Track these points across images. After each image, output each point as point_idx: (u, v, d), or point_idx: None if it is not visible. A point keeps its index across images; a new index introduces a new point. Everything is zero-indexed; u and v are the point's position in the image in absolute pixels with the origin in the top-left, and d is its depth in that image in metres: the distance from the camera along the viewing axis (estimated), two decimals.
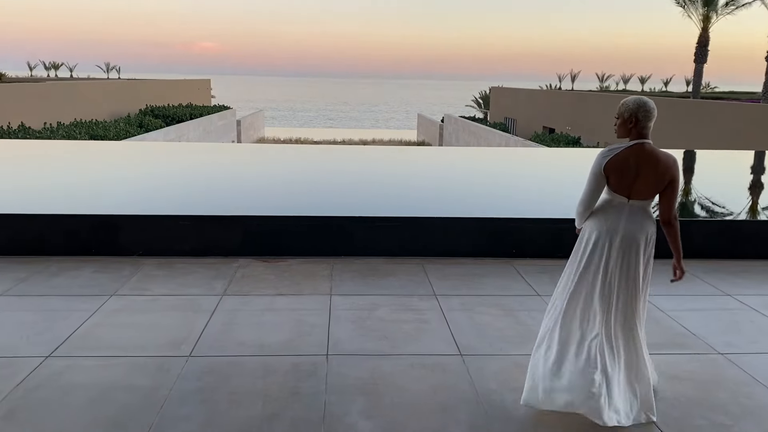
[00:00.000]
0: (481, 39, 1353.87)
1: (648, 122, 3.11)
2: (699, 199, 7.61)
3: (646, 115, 3.10)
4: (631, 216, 3.15)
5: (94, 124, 31.16)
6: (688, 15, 31.62)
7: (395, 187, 7.57)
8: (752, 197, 8.08)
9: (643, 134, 3.09)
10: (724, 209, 7.10)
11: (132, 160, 9.66)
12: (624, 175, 3.08)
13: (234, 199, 6.65)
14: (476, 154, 13.01)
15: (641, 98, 3.15)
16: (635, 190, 3.11)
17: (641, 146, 3.07)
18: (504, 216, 6.02)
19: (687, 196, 7.69)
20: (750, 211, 7.11)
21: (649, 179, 3.06)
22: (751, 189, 8.80)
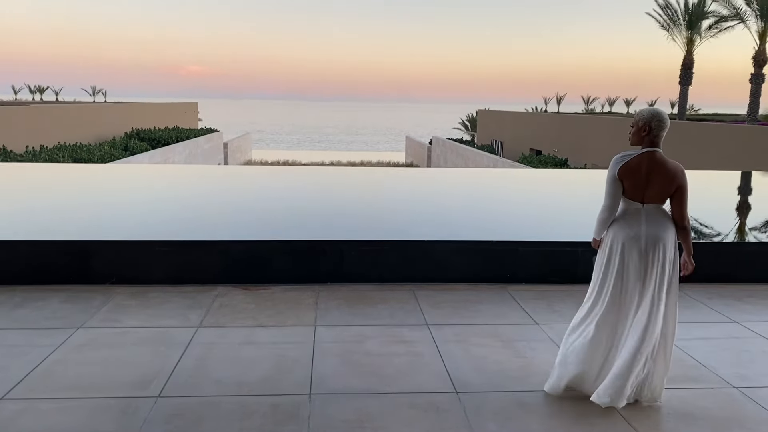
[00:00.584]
0: (468, 63, 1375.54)
1: (660, 131, 3.32)
2: (691, 220, 7.39)
3: (659, 125, 3.31)
4: (650, 218, 3.36)
5: (78, 147, 30.75)
6: (672, 38, 31.93)
7: (384, 210, 7.27)
8: (741, 218, 7.90)
9: (655, 143, 3.33)
10: (715, 230, 6.88)
11: (109, 183, 9.31)
12: (636, 181, 3.30)
13: (214, 224, 6.33)
14: (466, 175, 12.76)
15: (656, 109, 3.38)
16: (648, 195, 3.32)
17: (652, 154, 3.30)
18: (497, 239, 5.74)
19: None
20: (739, 232, 6.90)
21: (658, 185, 3.28)
22: (740, 209, 8.62)
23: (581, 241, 5.74)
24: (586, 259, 5.63)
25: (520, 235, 6.00)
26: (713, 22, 29.65)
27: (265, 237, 5.71)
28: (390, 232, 6.05)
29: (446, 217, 6.86)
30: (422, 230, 6.12)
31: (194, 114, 61.53)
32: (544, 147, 38.36)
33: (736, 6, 26.83)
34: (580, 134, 34.62)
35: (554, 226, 6.52)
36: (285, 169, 12.96)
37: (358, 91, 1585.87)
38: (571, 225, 6.69)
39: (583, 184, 10.70)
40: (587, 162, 30.88)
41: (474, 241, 5.68)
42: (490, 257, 5.60)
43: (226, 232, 5.94)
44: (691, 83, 31.87)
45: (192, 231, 5.94)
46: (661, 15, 31.71)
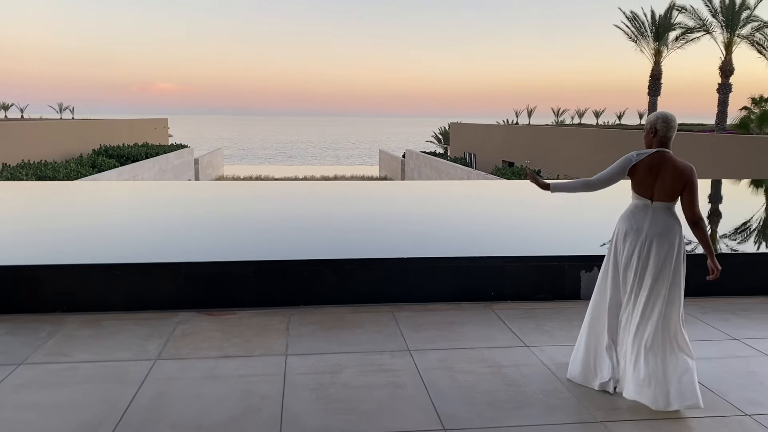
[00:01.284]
0: (440, 77, 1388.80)
1: (667, 132, 3.54)
2: None
3: (664, 126, 3.52)
4: (655, 216, 3.51)
5: (43, 165, 29.85)
6: (640, 49, 32.28)
7: (359, 227, 6.88)
8: (719, 227, 7.67)
9: (663, 143, 3.53)
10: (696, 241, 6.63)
11: (66, 203, 8.76)
12: (645, 178, 3.49)
13: (177, 244, 5.89)
14: (443, 188, 12.41)
15: (662, 111, 3.61)
16: (656, 192, 3.49)
17: (661, 153, 3.50)
18: (480, 254, 5.40)
19: None
20: (722, 242, 6.66)
21: (666, 182, 3.44)
22: (715, 219, 8.41)
23: (568, 255, 5.46)
24: (574, 275, 5.35)
25: (504, 249, 5.68)
26: (680, 33, 30.05)
27: (232, 257, 5.29)
28: (366, 249, 5.69)
29: (425, 233, 6.49)
30: (400, 247, 5.77)
31: (164, 130, 60.57)
32: (516, 159, 38.46)
33: (702, 17, 27.22)
34: (551, 146, 34.78)
35: (538, 239, 6.20)
36: (255, 185, 12.42)
37: (329, 106, 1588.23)
38: (556, 238, 6.39)
39: (563, 196, 10.44)
40: (559, 173, 30.94)
41: (455, 258, 5.34)
42: (472, 274, 5.26)
43: (190, 252, 5.52)
44: (659, 94, 32.19)
45: (153, 252, 5.50)
46: (629, 27, 32.07)
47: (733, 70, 26.47)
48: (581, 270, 5.34)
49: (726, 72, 26.46)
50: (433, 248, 5.75)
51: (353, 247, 5.80)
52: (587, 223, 7.33)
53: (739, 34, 26.71)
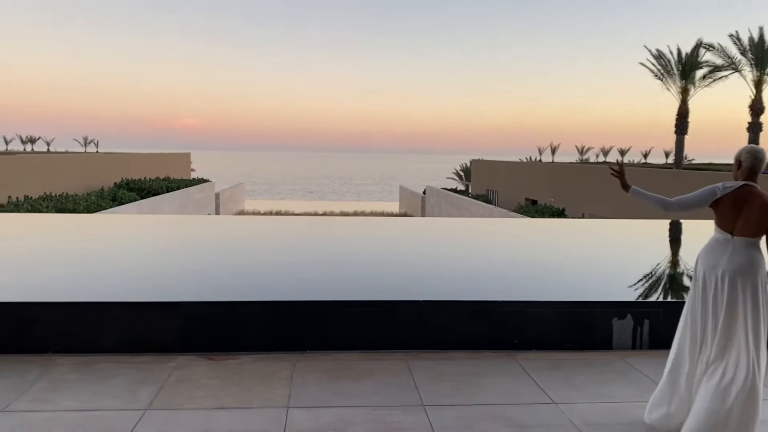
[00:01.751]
0: (462, 113, 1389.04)
1: (752, 164, 3.36)
2: None
3: (748, 157, 3.37)
4: (735, 252, 3.31)
5: (64, 197, 30.07)
6: (667, 87, 31.93)
7: (374, 266, 6.48)
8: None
9: (750, 176, 3.38)
10: None
11: (70, 236, 8.49)
12: (728, 212, 3.34)
13: (178, 282, 5.57)
14: (464, 226, 11.90)
15: (749, 145, 3.45)
16: (738, 227, 3.31)
17: (746, 187, 3.34)
18: (502, 299, 5.01)
19: None
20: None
21: (752, 217, 3.26)
22: None
23: (599, 300, 5.04)
24: (605, 322, 4.92)
25: (529, 294, 5.27)
26: (707, 71, 29.68)
27: (236, 297, 4.96)
28: (380, 291, 5.32)
29: (444, 274, 6.10)
30: (416, 289, 5.39)
31: (187, 164, 61.20)
32: (539, 196, 37.98)
33: (730, 55, 26.87)
34: (576, 184, 34.27)
35: (566, 283, 5.77)
36: (268, 220, 12.09)
37: (351, 142, 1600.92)
38: (585, 282, 5.97)
39: (592, 236, 9.97)
40: (584, 212, 30.39)
41: (475, 301, 4.95)
42: (494, 320, 4.87)
43: (191, 291, 5.20)
44: (686, 132, 31.69)
45: (152, 290, 5.19)
46: (655, 65, 31.79)
47: (763, 108, 25.97)
48: (613, 317, 4.91)
49: (756, 110, 25.96)
50: (452, 291, 5.36)
51: (366, 288, 5.43)
52: (620, 265, 6.86)
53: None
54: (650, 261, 7.29)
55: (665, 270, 6.79)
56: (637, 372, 4.39)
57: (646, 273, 6.54)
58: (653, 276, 6.40)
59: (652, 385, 4.10)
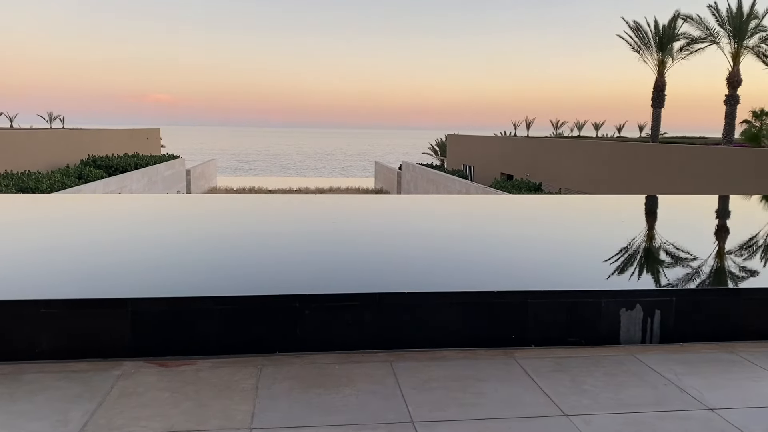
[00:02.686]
0: (435, 88, 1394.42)
1: None
2: (730, 266, 6.18)
3: None
4: None
5: (26, 175, 28.82)
6: (643, 60, 31.62)
7: (352, 252, 5.79)
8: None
9: None
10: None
11: (11, 221, 7.58)
12: None
13: (127, 274, 4.86)
14: (448, 204, 11.12)
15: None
16: None
17: None
18: (497, 288, 4.44)
19: (720, 259, 6.25)
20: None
21: None
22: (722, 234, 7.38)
23: (605, 289, 4.50)
24: (612, 314, 4.38)
25: (526, 282, 4.71)
26: (685, 43, 29.39)
27: (192, 291, 4.31)
28: (360, 281, 4.70)
29: (430, 261, 5.45)
30: (401, 279, 4.78)
31: (157, 140, 59.67)
32: (515, 171, 37.65)
33: (708, 27, 26.52)
34: (552, 158, 33.94)
35: (566, 269, 5.21)
36: (234, 199, 11.06)
37: (324, 118, 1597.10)
38: (588, 267, 5.40)
39: (587, 214, 9.16)
40: (561, 187, 30.10)
41: (468, 292, 4.37)
42: (489, 313, 4.29)
43: (141, 285, 4.53)
44: (663, 106, 31.52)
45: (93, 285, 4.49)
46: (632, 37, 31.39)
47: (740, 81, 25.75)
48: (621, 308, 4.37)
49: (733, 83, 25.74)
50: (440, 280, 4.77)
51: (342, 278, 4.79)
52: (623, 248, 6.26)
53: (746, 45, 26.01)
54: (656, 243, 6.80)
55: (675, 253, 6.21)
56: (653, 372, 3.86)
57: (654, 257, 6.00)
58: (662, 260, 5.86)
59: (674, 389, 3.58)
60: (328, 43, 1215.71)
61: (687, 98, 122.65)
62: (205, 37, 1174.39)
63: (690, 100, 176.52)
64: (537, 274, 5.04)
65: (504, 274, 5.04)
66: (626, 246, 6.29)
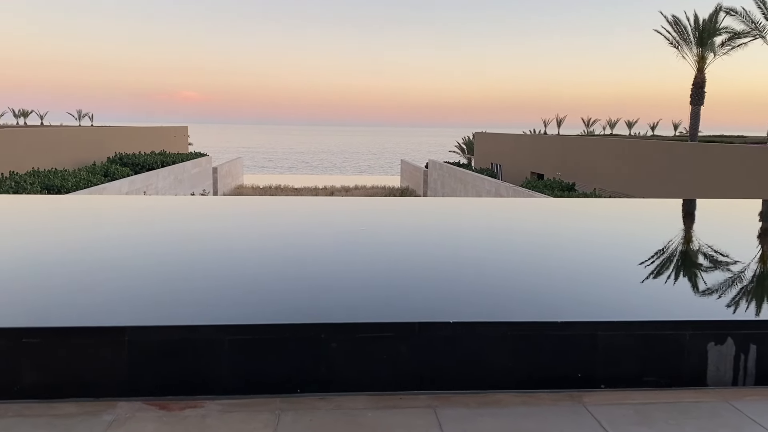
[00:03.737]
0: (462, 85, 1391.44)
1: None
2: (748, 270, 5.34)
3: None
4: None
5: (52, 173, 28.75)
6: (682, 56, 30.42)
7: (384, 273, 4.85)
8: None
9: None
10: None
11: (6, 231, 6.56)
12: None
13: (123, 297, 4.21)
14: (482, 208, 9.39)
15: None
16: None
17: None
18: (560, 317, 3.74)
19: None
20: None
21: None
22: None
23: (690, 320, 3.77)
24: (698, 349, 3.65)
25: (593, 310, 4.00)
26: (726, 38, 28.15)
27: (198, 318, 3.69)
28: (395, 307, 4.02)
29: (479, 281, 4.62)
30: (442, 304, 4.08)
31: (184, 138, 59.79)
32: (546, 171, 36.68)
33: (754, 20, 25.28)
34: (584, 157, 32.91)
35: (641, 292, 4.45)
36: (252, 203, 9.23)
37: (351, 116, 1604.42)
38: (666, 289, 4.57)
39: (653, 223, 7.54)
40: (595, 187, 29.09)
41: (527, 323, 3.67)
42: (552, 347, 3.60)
43: (140, 310, 3.91)
44: (703, 103, 30.30)
45: (84, 309, 3.88)
46: (670, 32, 30.23)
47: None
48: (709, 342, 3.65)
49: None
50: (490, 307, 4.07)
51: (375, 303, 4.10)
52: (713, 267, 5.29)
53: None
54: (744, 259, 5.61)
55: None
56: (758, 427, 3.14)
57: (746, 278, 4.96)
58: (758, 282, 4.91)
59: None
60: (353, 41, 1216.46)
61: (725, 95, 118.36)
62: (234, 33, 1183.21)
63: (728, 98, 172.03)
64: (605, 298, 4.29)
65: (566, 298, 4.28)
66: (710, 263, 5.41)
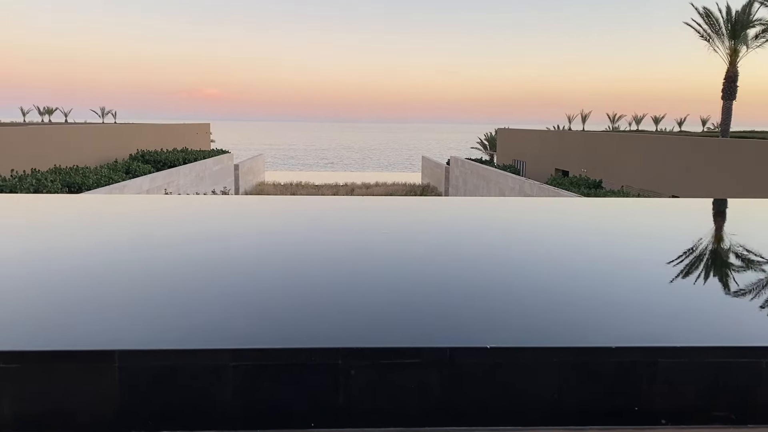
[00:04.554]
0: (484, 81, 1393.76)
1: None
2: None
3: None
4: None
5: (73, 170, 28.76)
6: (713, 49, 29.48)
7: (410, 285, 4.04)
8: None
9: None
10: None
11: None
12: None
13: (113, 316, 3.77)
14: (513, 210, 7.38)
15: None
16: None
17: None
18: (612, 343, 3.25)
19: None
20: None
21: None
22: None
23: (761, 345, 3.26)
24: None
25: (652, 332, 3.48)
26: (761, 30, 27.20)
27: (200, 342, 3.27)
28: (423, 329, 3.54)
29: (517, 302, 3.90)
30: (479, 324, 3.59)
31: (206, 135, 59.95)
32: (571, 167, 35.93)
33: None
34: (611, 153, 32.08)
35: (705, 312, 3.92)
36: (260, 202, 7.47)
37: (370, 112, 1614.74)
38: (736, 309, 4.02)
39: (703, 225, 6.31)
40: (623, 184, 28.34)
41: (575, 348, 3.19)
42: (605, 376, 3.11)
43: (133, 332, 3.48)
44: (735, 98, 29.30)
45: (68, 330, 3.46)
46: (701, 24, 29.30)
47: None
48: None
49: None
50: (532, 330, 3.57)
51: (400, 324, 3.62)
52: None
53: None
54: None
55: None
56: None
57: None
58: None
59: None
60: (371, 39, 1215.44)
61: (758, 90, 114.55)
62: (255, 31, 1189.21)
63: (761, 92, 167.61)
64: (667, 318, 3.75)
65: (621, 318, 3.75)
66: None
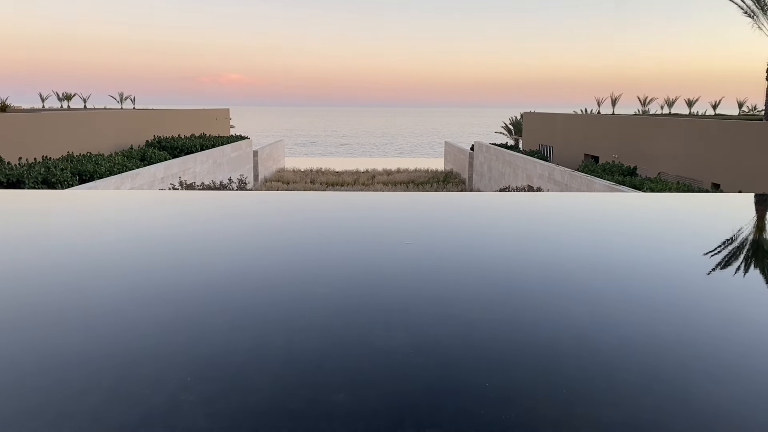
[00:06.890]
0: (509, 64, 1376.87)
1: None
2: None
3: None
4: None
5: (85, 158, 27.96)
6: (758, 26, 27.62)
7: (451, 332, 2.61)
8: None
9: None
10: None
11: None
12: None
13: (79, 344, 2.56)
14: (560, 207, 5.99)
15: None
16: None
17: None
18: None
19: None
20: None
21: None
22: None
23: None
24: None
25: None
26: None
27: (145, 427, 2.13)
28: (473, 407, 2.35)
29: (579, 322, 2.58)
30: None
31: (226, 121, 59.09)
32: (601, 153, 34.34)
33: None
34: (645, 138, 30.46)
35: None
36: (270, 202, 5.77)
37: (392, 97, 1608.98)
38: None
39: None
40: (660, 171, 26.75)
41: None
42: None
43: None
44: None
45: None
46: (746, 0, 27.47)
47: None
48: None
49: None
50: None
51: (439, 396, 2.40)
52: None
53: None
54: None
55: None
56: None
57: None
58: None
59: None
60: (393, 23, 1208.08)
61: None
62: (279, 16, 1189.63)
63: None
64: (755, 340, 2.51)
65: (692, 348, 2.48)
66: None
